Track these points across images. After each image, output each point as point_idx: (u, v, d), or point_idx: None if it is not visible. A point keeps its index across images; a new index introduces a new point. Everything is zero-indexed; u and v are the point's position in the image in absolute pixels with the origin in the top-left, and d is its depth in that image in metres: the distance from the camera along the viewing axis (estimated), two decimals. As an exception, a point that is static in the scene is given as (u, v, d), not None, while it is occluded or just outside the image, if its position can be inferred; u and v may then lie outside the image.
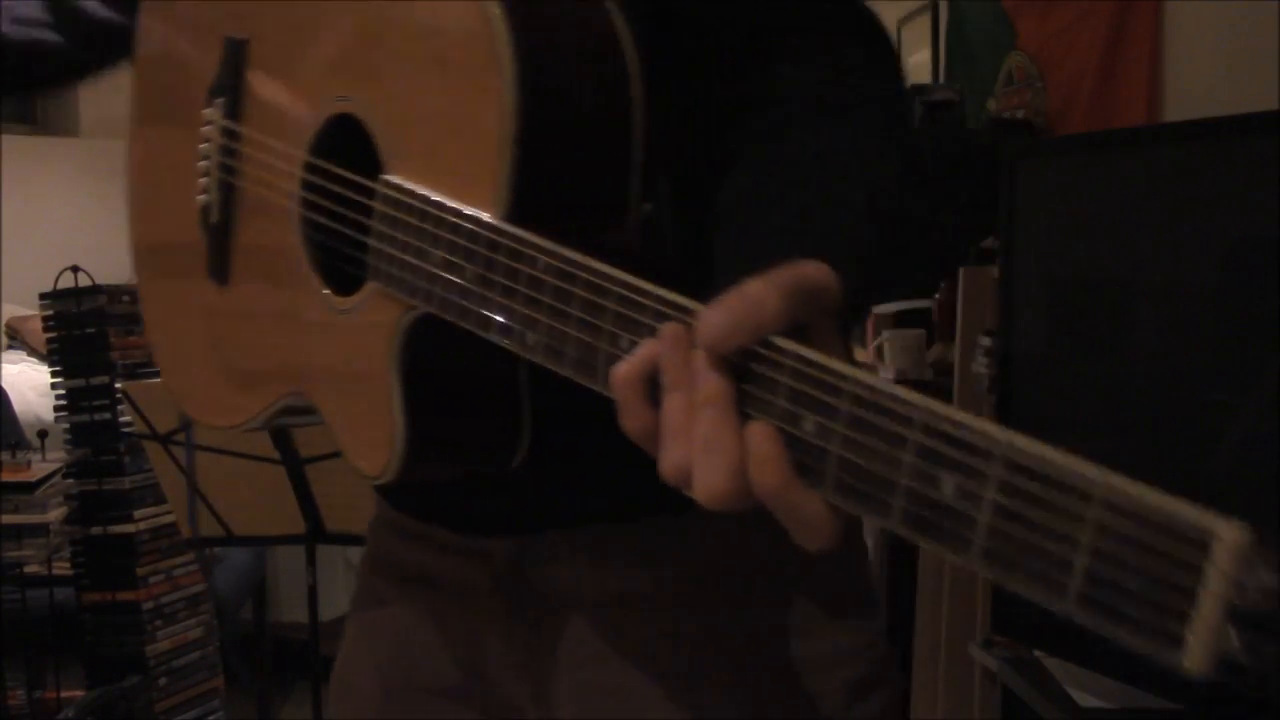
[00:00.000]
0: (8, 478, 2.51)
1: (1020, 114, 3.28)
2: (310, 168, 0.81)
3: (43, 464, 2.62)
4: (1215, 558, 0.41)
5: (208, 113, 0.91)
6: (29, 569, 2.62)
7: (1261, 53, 2.18)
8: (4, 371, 3.90)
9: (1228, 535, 0.41)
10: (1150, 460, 1.69)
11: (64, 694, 2.73)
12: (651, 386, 0.58)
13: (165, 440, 2.15)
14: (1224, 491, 1.57)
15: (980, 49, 3.62)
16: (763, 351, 0.55)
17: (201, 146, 0.91)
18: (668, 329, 0.57)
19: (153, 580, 2.70)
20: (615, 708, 0.82)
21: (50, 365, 2.72)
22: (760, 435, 0.54)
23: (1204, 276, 1.65)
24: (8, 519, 2.48)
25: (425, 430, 0.74)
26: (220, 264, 0.90)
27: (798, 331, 0.56)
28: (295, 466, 2.12)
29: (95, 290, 2.69)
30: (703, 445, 0.55)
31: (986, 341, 2.17)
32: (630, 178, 0.71)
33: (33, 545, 2.52)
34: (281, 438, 2.09)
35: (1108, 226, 1.81)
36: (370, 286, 0.76)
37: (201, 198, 0.91)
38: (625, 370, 0.58)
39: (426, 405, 0.74)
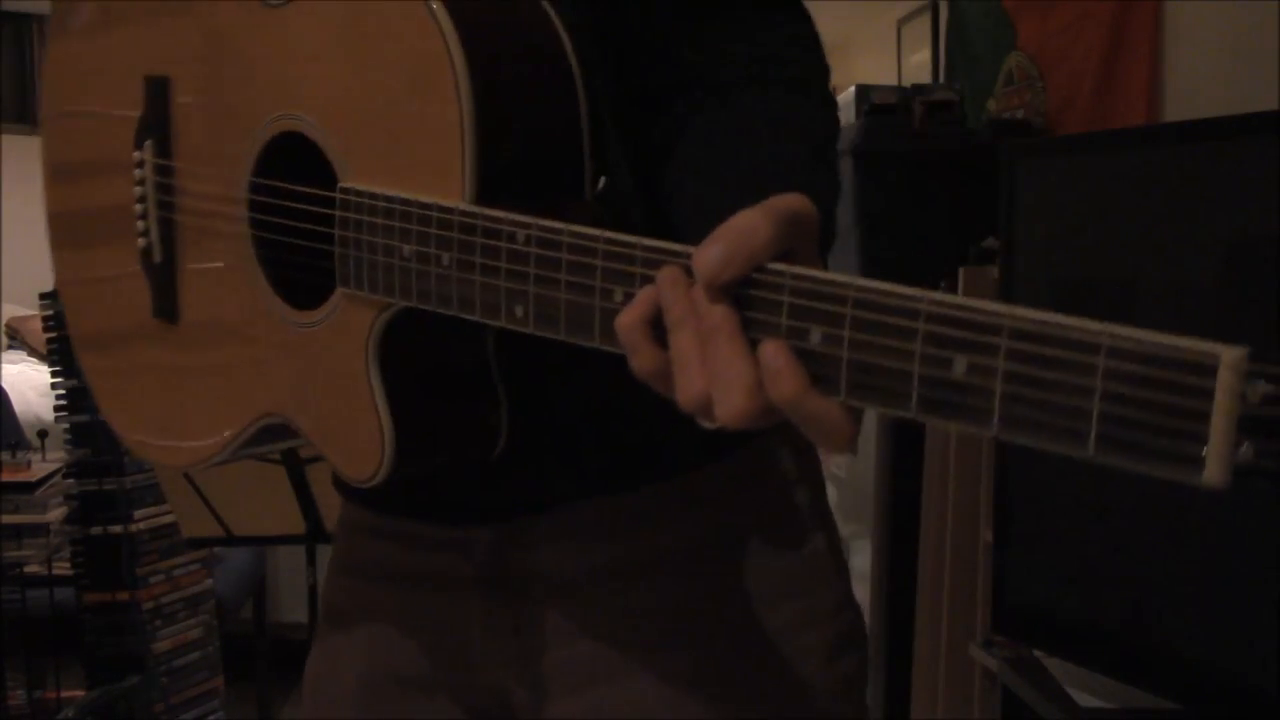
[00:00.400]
0: (8, 478, 2.51)
1: (1020, 114, 3.28)
2: (257, 188, 0.82)
3: (43, 464, 2.61)
4: (1220, 378, 0.44)
5: (137, 154, 0.91)
6: (29, 569, 2.62)
7: (1261, 53, 2.17)
8: (4, 371, 3.90)
9: (1228, 356, 0.44)
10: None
11: (64, 694, 2.73)
12: (655, 329, 0.60)
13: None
14: (1224, 490, 1.57)
15: (980, 49, 3.62)
16: (760, 277, 0.57)
17: (135, 189, 0.92)
18: (664, 272, 0.59)
19: (153, 580, 2.70)
20: (601, 681, 0.84)
21: (50, 365, 2.72)
22: (771, 351, 0.56)
23: (1204, 276, 1.64)
24: (8, 519, 2.48)
25: (411, 427, 0.75)
26: (168, 302, 0.91)
27: (784, 258, 0.58)
28: (295, 466, 2.12)
29: (95, 290, 2.69)
30: (717, 372, 0.57)
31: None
32: (582, 153, 0.73)
33: (33, 545, 2.52)
34: (281, 438, 2.09)
35: (1108, 226, 1.81)
36: (338, 294, 0.76)
37: (141, 241, 0.92)
38: (628, 317, 0.60)
39: (409, 402, 0.75)
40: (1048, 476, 1.96)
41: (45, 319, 2.71)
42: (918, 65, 4.82)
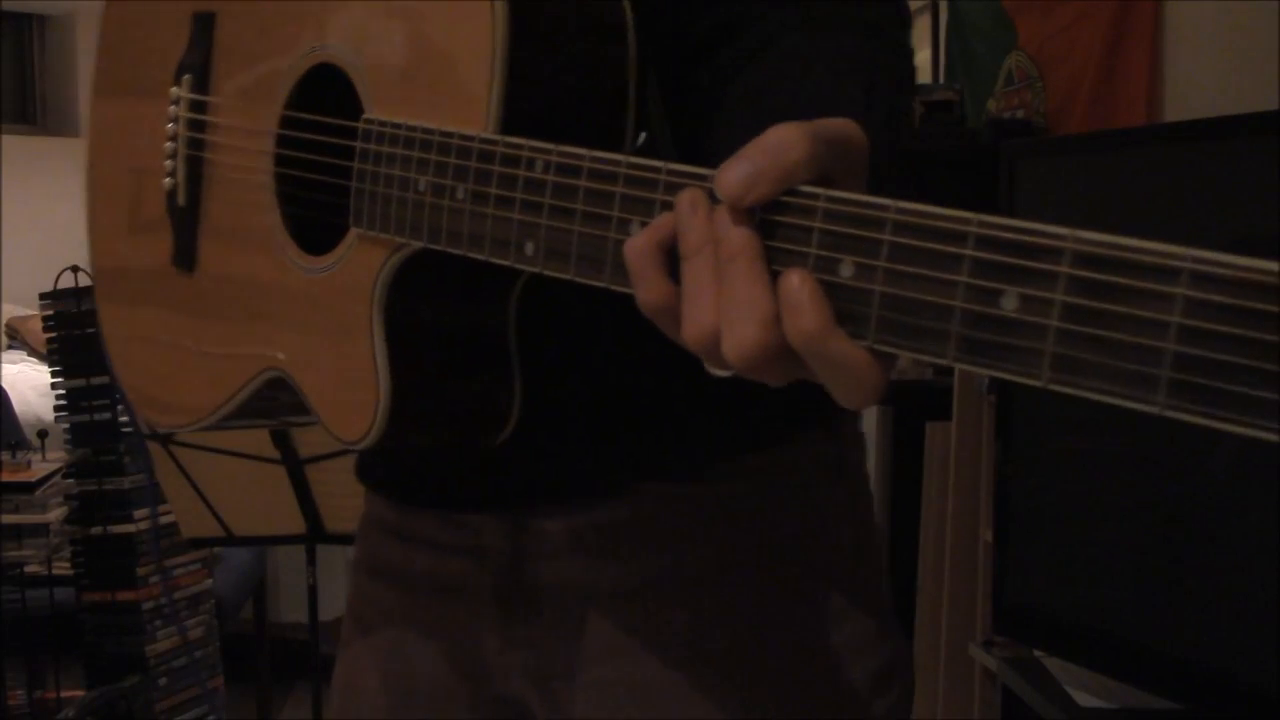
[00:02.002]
0: (8, 478, 2.51)
1: (1020, 114, 3.28)
2: (287, 122, 0.79)
3: (43, 464, 2.61)
4: None
5: (175, 90, 0.89)
6: (29, 569, 2.62)
7: (1261, 53, 2.17)
8: (4, 371, 3.90)
9: None
10: (1151, 458, 1.68)
11: (64, 694, 2.73)
12: (668, 260, 0.54)
13: (165, 440, 2.15)
14: (1224, 489, 1.57)
15: (980, 49, 3.62)
16: (789, 200, 0.51)
17: (168, 126, 0.89)
18: (684, 194, 0.54)
19: (153, 580, 2.70)
20: (621, 697, 0.81)
21: (50, 365, 2.71)
22: (793, 280, 0.50)
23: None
24: (8, 519, 2.48)
25: (411, 388, 0.72)
26: (187, 250, 0.88)
27: (821, 184, 0.52)
28: (295, 466, 2.12)
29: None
30: (732, 301, 0.51)
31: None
32: (626, 102, 0.69)
33: (33, 545, 2.52)
34: (281, 438, 2.09)
35: (1107, 226, 1.81)
36: (351, 236, 0.73)
37: (167, 181, 0.89)
38: (639, 241, 0.55)
39: (411, 360, 0.72)
40: (1048, 476, 1.96)
41: (45, 319, 2.71)
42: (918, 65, 4.82)
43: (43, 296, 2.70)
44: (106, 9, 1.00)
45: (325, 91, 0.77)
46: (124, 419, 2.62)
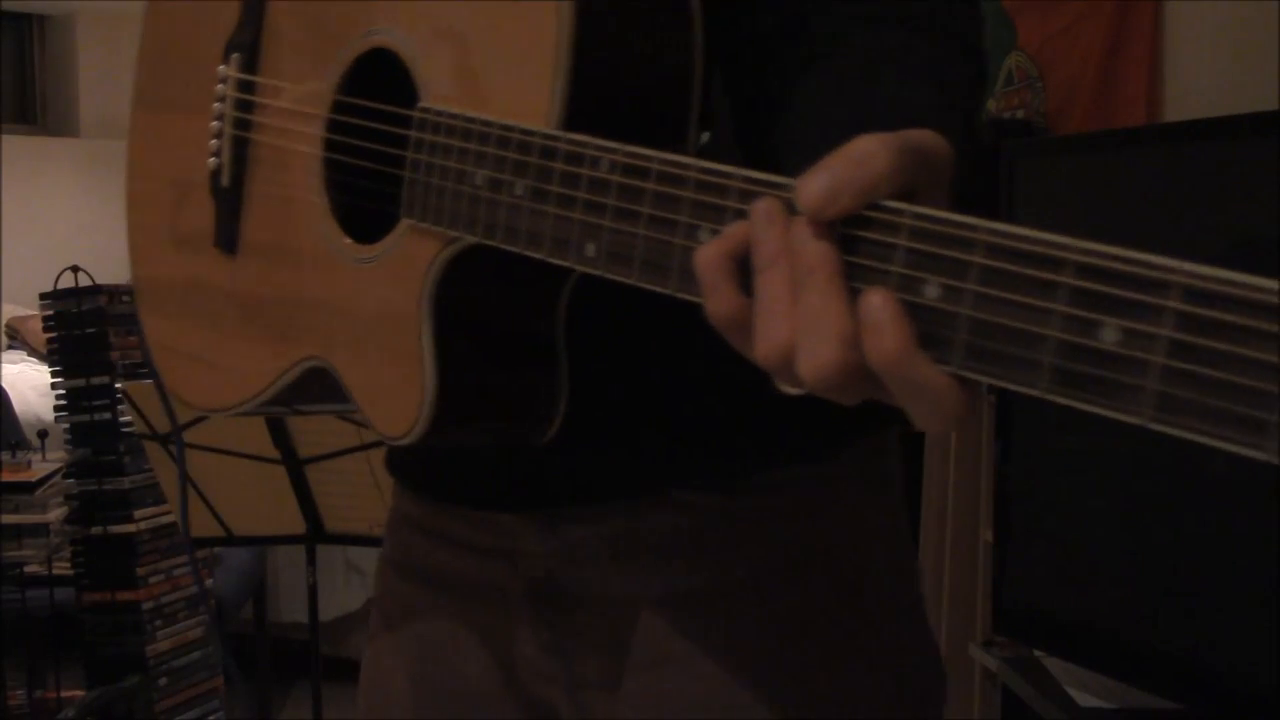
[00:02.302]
0: (8, 478, 2.51)
1: (1020, 114, 3.28)
2: (339, 107, 0.77)
3: (43, 464, 2.61)
4: None
5: (222, 69, 0.87)
6: (29, 569, 2.62)
7: (1261, 53, 2.17)
8: (4, 371, 3.90)
9: None
10: (1151, 460, 1.68)
11: (64, 694, 2.73)
12: (740, 271, 0.52)
13: (165, 440, 2.15)
14: (1224, 489, 1.57)
15: (980, 49, 3.62)
16: (872, 215, 0.49)
17: (215, 105, 0.87)
18: (760, 204, 0.52)
19: (153, 580, 2.70)
20: (673, 715, 0.79)
21: (50, 365, 2.72)
22: (875, 300, 0.48)
23: (1204, 276, 1.64)
24: (8, 519, 2.48)
25: (457, 385, 0.69)
26: (229, 231, 0.86)
27: (904, 198, 0.50)
28: (295, 466, 2.12)
29: (95, 290, 2.69)
30: (808, 317, 0.49)
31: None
32: (690, 100, 0.67)
33: (33, 545, 2.52)
34: (281, 437, 2.09)
35: (1108, 226, 1.81)
36: (402, 226, 0.71)
37: (211, 161, 0.87)
38: (711, 250, 0.53)
39: (458, 356, 0.70)
40: (1048, 476, 1.96)
41: (45, 319, 2.71)
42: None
43: (43, 296, 2.70)
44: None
45: (378, 77, 0.75)
46: (124, 419, 2.62)
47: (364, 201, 0.76)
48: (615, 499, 0.79)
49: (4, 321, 4.72)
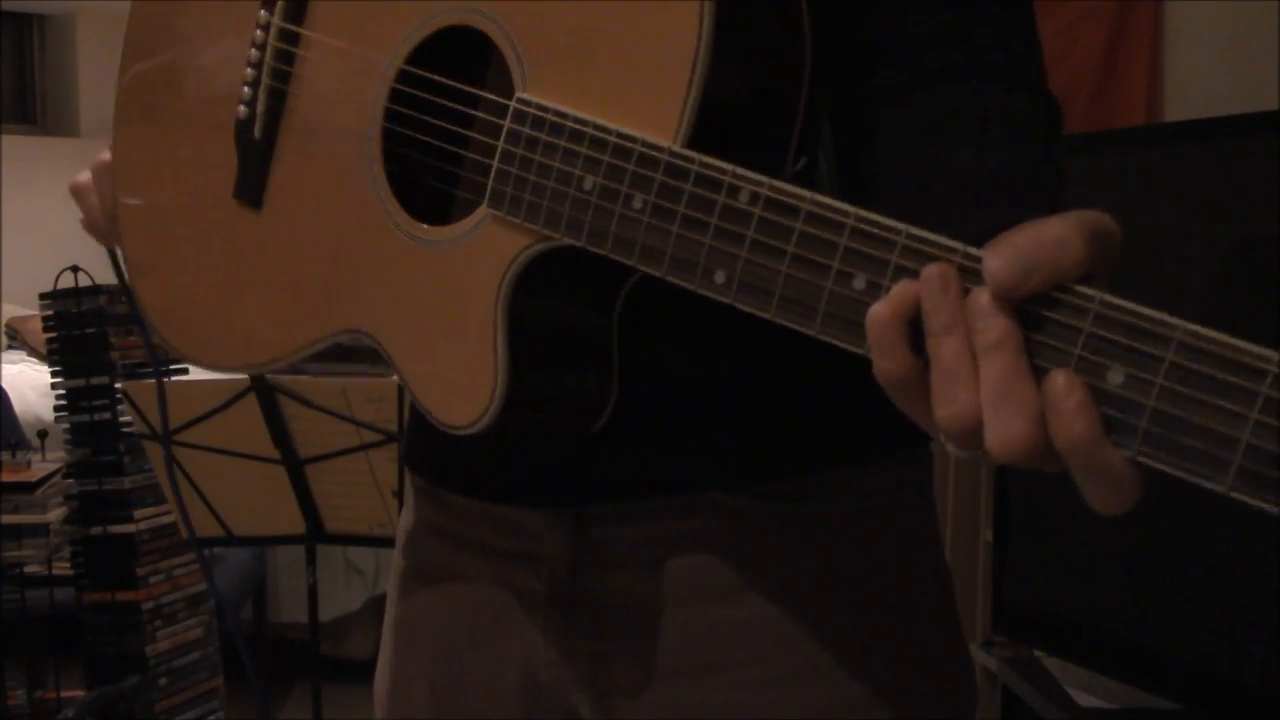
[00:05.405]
0: (8, 478, 2.51)
1: (1020, 114, 3.28)
2: (407, 77, 0.74)
3: (43, 464, 2.61)
4: None
5: (264, 14, 0.83)
6: (29, 569, 2.62)
7: (1261, 53, 2.17)
8: (4, 371, 3.90)
9: None
10: (1150, 460, 1.68)
11: (64, 694, 2.73)
12: (911, 331, 0.53)
13: (165, 440, 2.15)
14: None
15: (980, 49, 3.62)
16: (1059, 296, 0.50)
17: (251, 53, 0.83)
18: (934, 269, 0.52)
19: (153, 580, 2.70)
20: (676, 714, 0.78)
21: (50, 365, 2.71)
22: (1064, 383, 0.49)
23: (1204, 276, 1.64)
24: (8, 519, 2.48)
25: (525, 376, 0.69)
26: (254, 185, 0.82)
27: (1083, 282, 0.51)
28: (295, 466, 2.12)
29: (95, 290, 2.69)
30: (995, 393, 0.50)
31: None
32: (795, 120, 0.66)
33: (33, 545, 2.52)
34: (281, 437, 2.09)
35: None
36: (481, 215, 0.69)
37: (241, 110, 0.83)
38: (885, 310, 0.53)
39: (528, 348, 0.69)
40: (1048, 476, 1.96)
41: (45, 319, 2.71)
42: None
43: (43, 296, 2.70)
44: None
45: (451, 52, 0.72)
46: (124, 419, 2.62)
47: (422, 178, 0.74)
48: (648, 498, 0.78)
49: (4, 321, 4.72)
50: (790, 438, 0.78)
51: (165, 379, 2.62)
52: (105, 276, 2.85)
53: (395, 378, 0.77)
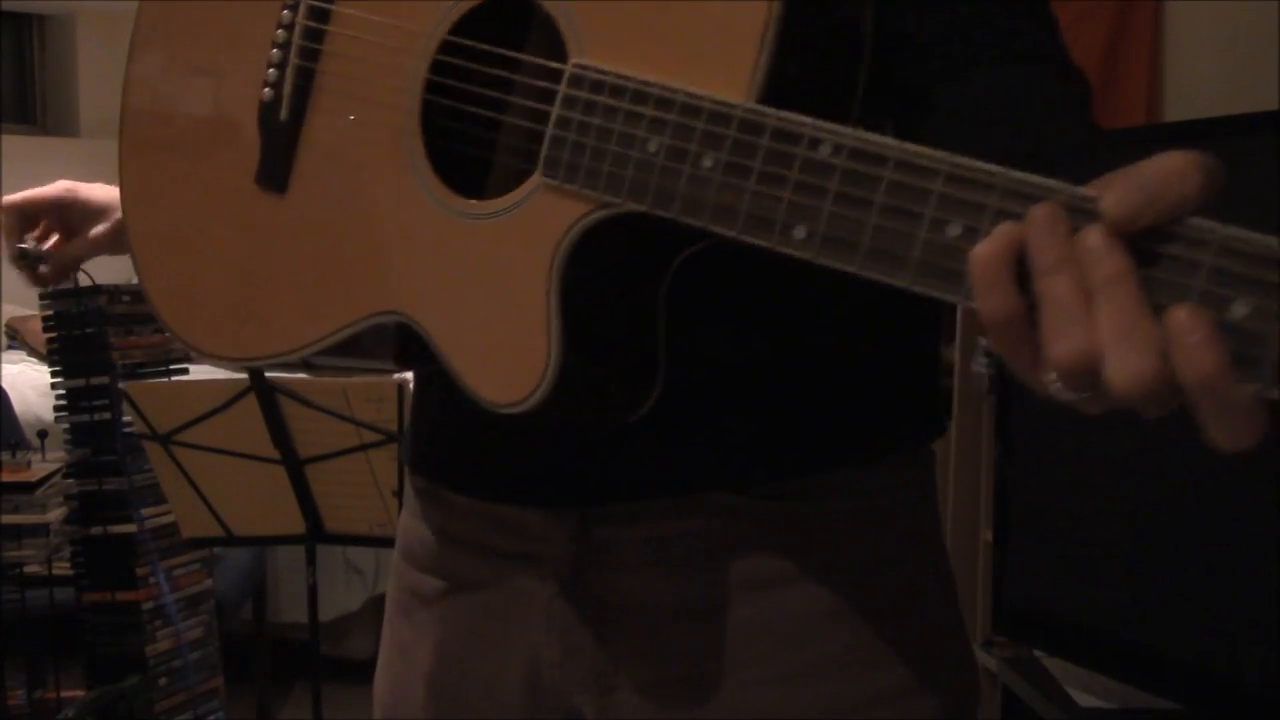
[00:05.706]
0: (8, 478, 2.51)
1: (1020, 114, 3.28)
2: (449, 48, 0.72)
3: (43, 464, 2.61)
4: None
5: None
6: (29, 569, 2.62)
7: (1261, 53, 2.17)
8: (4, 371, 3.90)
9: None
10: (1151, 460, 1.68)
11: (64, 694, 2.73)
12: (1014, 272, 0.51)
13: (165, 440, 2.15)
14: (1224, 489, 1.57)
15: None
16: (1175, 230, 0.49)
17: (278, 33, 0.80)
18: (1041, 209, 0.51)
19: (153, 580, 2.70)
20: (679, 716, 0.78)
21: (50, 365, 2.71)
22: (1188, 317, 0.47)
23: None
24: (8, 519, 2.48)
25: (576, 356, 0.67)
26: (279, 169, 0.80)
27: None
28: (295, 466, 2.12)
29: (95, 290, 2.69)
30: (1117, 328, 0.48)
31: (987, 341, 2.17)
32: (856, 87, 0.65)
33: (33, 545, 2.52)
34: (281, 437, 2.09)
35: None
36: (534, 184, 0.67)
37: (266, 92, 0.80)
38: (988, 249, 0.52)
39: (581, 327, 0.67)
40: (1048, 476, 1.96)
41: (45, 319, 2.71)
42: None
43: (43, 296, 2.70)
44: None
45: (486, 24, 0.71)
46: (124, 419, 2.62)
47: (462, 150, 0.72)
48: (651, 499, 0.78)
49: (4, 321, 4.72)
50: (793, 438, 0.78)
51: (165, 379, 2.62)
52: (105, 276, 2.85)
53: (396, 377, 0.76)
